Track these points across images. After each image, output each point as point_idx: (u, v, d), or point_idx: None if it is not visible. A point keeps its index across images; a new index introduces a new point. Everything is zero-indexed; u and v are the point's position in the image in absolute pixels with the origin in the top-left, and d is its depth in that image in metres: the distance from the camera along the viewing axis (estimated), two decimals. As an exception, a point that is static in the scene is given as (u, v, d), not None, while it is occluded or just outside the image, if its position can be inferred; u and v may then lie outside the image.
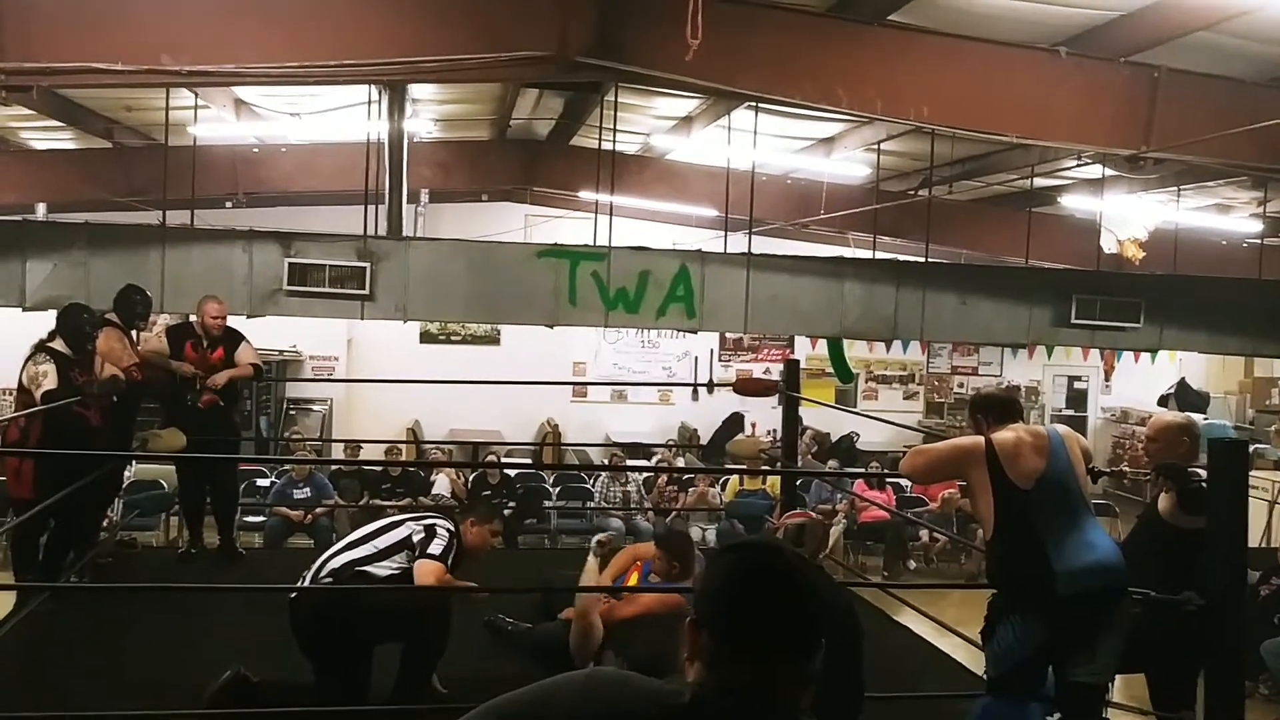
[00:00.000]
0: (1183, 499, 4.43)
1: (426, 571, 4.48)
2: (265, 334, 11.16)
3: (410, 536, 4.58)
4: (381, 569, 4.52)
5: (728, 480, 12.26)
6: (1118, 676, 4.66)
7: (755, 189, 10.88)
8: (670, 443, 15.42)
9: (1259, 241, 12.52)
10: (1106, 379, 18.33)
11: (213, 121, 10.29)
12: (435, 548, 4.53)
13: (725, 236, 11.26)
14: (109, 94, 9.85)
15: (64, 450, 5.77)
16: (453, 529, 4.67)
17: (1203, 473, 4.34)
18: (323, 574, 4.51)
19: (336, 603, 4.43)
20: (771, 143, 11.02)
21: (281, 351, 14.16)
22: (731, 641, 1.52)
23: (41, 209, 12.88)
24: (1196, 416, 12.84)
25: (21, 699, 4.51)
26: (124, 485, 9.50)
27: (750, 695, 1.50)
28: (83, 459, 5.93)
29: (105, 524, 7.39)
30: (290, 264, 9.11)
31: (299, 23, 6.70)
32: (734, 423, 15.96)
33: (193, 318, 7.35)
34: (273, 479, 11.33)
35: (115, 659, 5.10)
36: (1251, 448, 13.23)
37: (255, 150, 12.29)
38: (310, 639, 4.41)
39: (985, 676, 4.24)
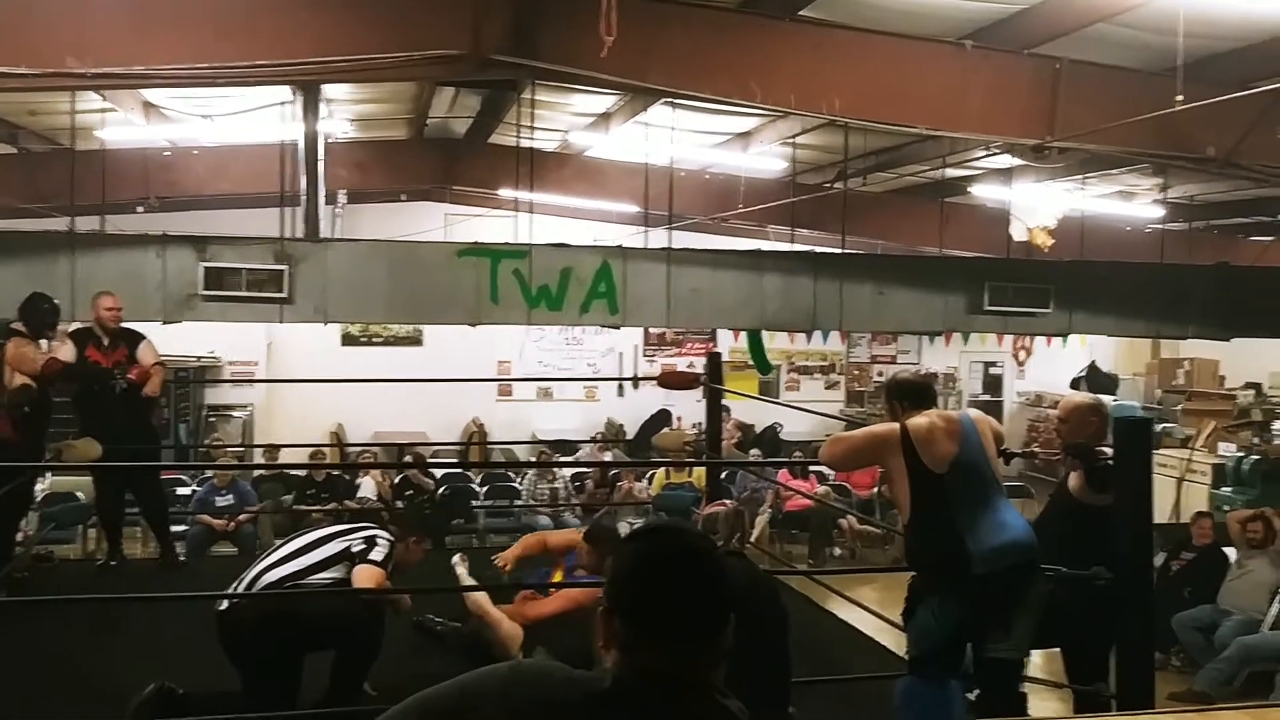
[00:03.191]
0: (1091, 477, 4.59)
1: (366, 576, 4.47)
2: (182, 340, 10.97)
3: (349, 548, 4.56)
4: (318, 581, 4.48)
5: (654, 474, 12.34)
6: (1034, 651, 4.81)
7: (674, 184, 10.97)
8: (597, 436, 15.46)
9: (1161, 226, 12.93)
10: (1020, 364, 18.76)
11: (121, 125, 10.08)
12: (377, 554, 4.52)
13: (646, 232, 11.35)
14: (12, 98, 9.56)
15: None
16: (392, 539, 4.66)
17: (1109, 451, 4.49)
18: (256, 588, 4.45)
19: (270, 614, 4.37)
20: (689, 138, 11.11)
21: (199, 357, 13.90)
22: (643, 627, 1.55)
23: (-57, 219, 12.50)
24: (1106, 398, 13.21)
25: (-63, 719, 4.41)
26: (37, 498, 9.29)
27: (667, 678, 1.54)
28: (-6, 472, 5.80)
29: (19, 538, 7.22)
30: (206, 268, 8.96)
31: (208, 23, 6.59)
32: (661, 418, 16.05)
33: (85, 323, 7.17)
34: (194, 487, 11.15)
35: (36, 675, 5.00)
36: (1159, 427, 13.71)
37: (167, 154, 12.04)
38: (241, 650, 4.36)
39: (907, 656, 4.35)
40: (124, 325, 7.04)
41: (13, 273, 8.60)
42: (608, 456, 13.88)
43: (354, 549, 4.54)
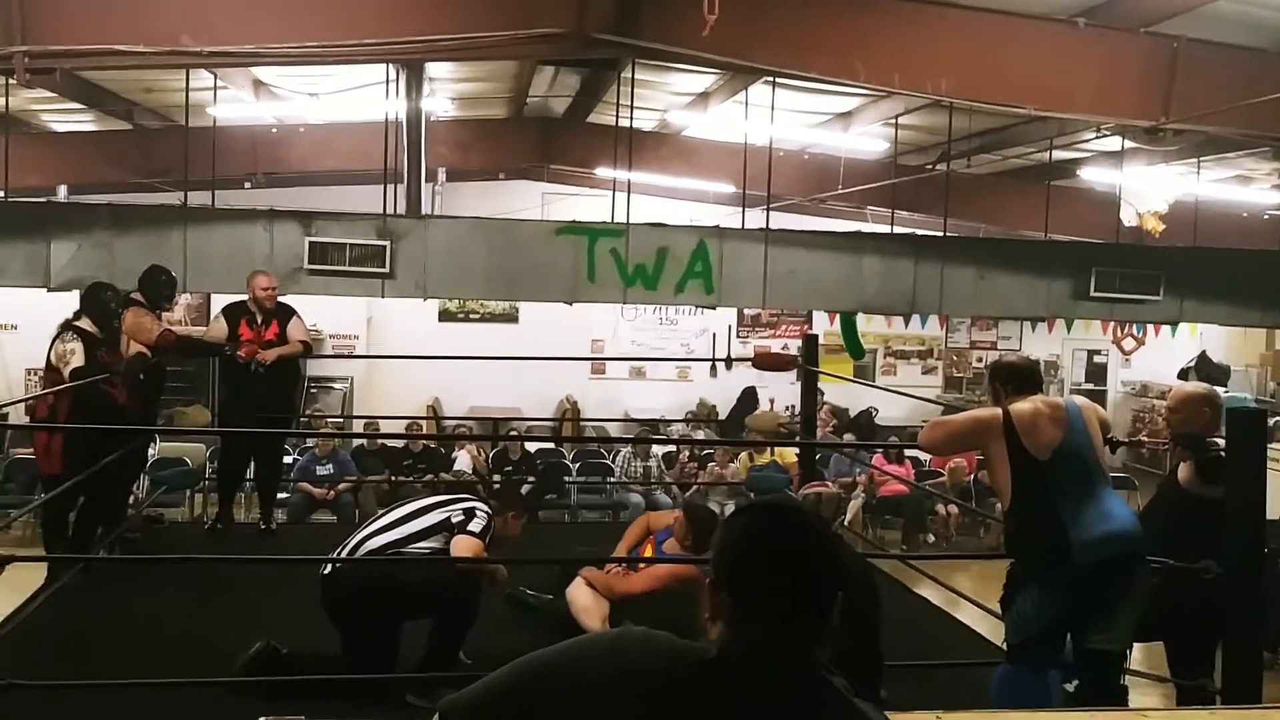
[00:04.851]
0: (1201, 468, 4.46)
1: (465, 546, 4.57)
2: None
3: (449, 519, 4.66)
4: (418, 550, 4.59)
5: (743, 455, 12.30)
6: (1136, 645, 4.69)
7: (773, 164, 10.87)
8: (689, 416, 15.48)
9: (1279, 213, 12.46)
10: (1126, 354, 18.25)
11: (232, 102, 10.34)
12: (475, 526, 4.62)
13: (743, 212, 11.26)
14: (129, 76, 9.90)
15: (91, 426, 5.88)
16: (490, 512, 4.74)
17: (1221, 442, 4.35)
18: (358, 555, 4.57)
19: (373, 579, 4.50)
20: (789, 118, 11.01)
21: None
22: (751, 602, 1.55)
23: (63, 191, 12.97)
24: (1217, 389, 12.80)
25: (54, 669, 4.59)
26: (148, 462, 9.63)
27: (772, 654, 1.54)
28: (110, 435, 6.03)
29: (130, 500, 7.50)
30: (311, 243, 9.17)
31: (318, 3, 6.74)
32: (749, 397, 15.99)
33: (244, 296, 7.43)
34: (295, 455, 11.45)
35: (146, 631, 5.18)
36: (1272, 420, 13.23)
37: (274, 131, 12.34)
38: (343, 613, 4.49)
39: (1004, 644, 4.28)
40: (279, 301, 7.35)
41: (130, 244, 8.90)
42: (700, 436, 13.88)
43: (454, 520, 4.63)
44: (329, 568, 4.57)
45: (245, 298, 7.32)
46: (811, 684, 1.54)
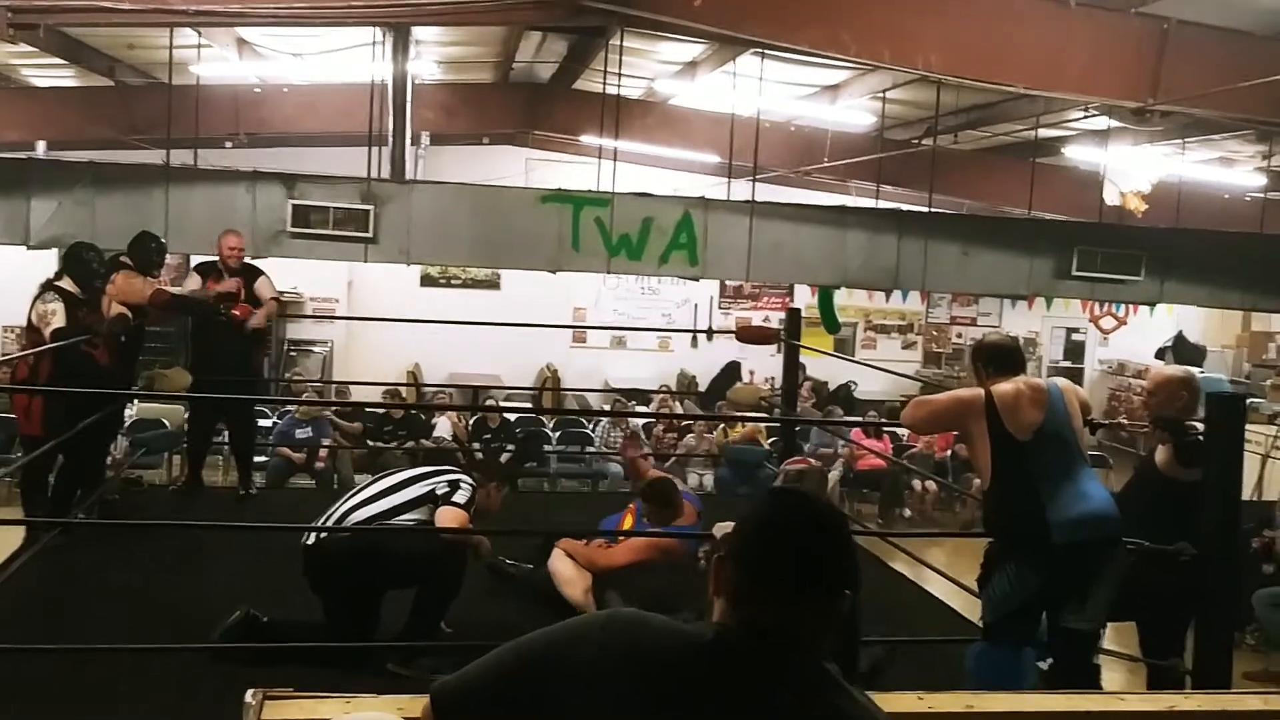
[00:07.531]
0: (1179, 451, 4.50)
1: (450, 517, 4.58)
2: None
3: (434, 490, 4.67)
4: (404, 522, 4.59)
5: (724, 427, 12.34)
6: (1110, 624, 4.75)
7: (759, 136, 10.84)
8: (665, 388, 15.48)
9: (1261, 196, 12.51)
10: (1105, 333, 18.35)
11: (215, 61, 10.23)
12: (460, 497, 4.63)
13: (728, 183, 11.23)
14: (113, 32, 9.75)
15: (72, 388, 5.84)
16: (474, 484, 4.75)
17: (1200, 425, 4.39)
18: (343, 525, 4.57)
19: (358, 550, 4.50)
20: (776, 89, 10.96)
21: (282, 293, 14.12)
22: (764, 579, 1.56)
23: (41, 147, 12.81)
24: (1193, 370, 12.89)
25: (32, 632, 4.59)
26: (125, 424, 9.58)
27: (776, 634, 1.54)
28: (90, 397, 5.99)
29: (108, 462, 7.46)
30: (294, 205, 9.08)
31: (305, -38, 6.65)
32: (731, 371, 16.01)
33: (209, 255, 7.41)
34: (275, 419, 11.41)
35: (125, 595, 5.17)
36: (1247, 401, 13.35)
37: (257, 90, 12.20)
38: (326, 583, 4.49)
39: (981, 622, 4.33)
40: (245, 261, 7.34)
41: (112, 203, 8.81)
42: (680, 408, 13.90)
43: (438, 491, 4.64)
44: (312, 537, 4.57)
45: (216, 258, 7.29)
46: (806, 666, 1.55)
